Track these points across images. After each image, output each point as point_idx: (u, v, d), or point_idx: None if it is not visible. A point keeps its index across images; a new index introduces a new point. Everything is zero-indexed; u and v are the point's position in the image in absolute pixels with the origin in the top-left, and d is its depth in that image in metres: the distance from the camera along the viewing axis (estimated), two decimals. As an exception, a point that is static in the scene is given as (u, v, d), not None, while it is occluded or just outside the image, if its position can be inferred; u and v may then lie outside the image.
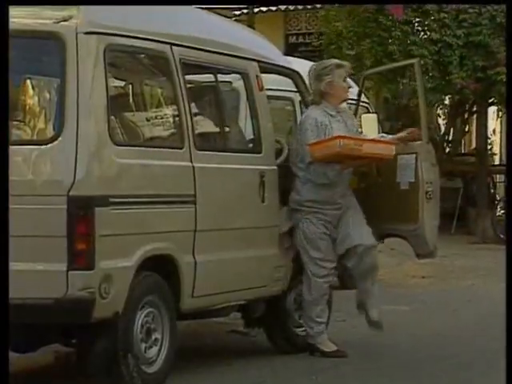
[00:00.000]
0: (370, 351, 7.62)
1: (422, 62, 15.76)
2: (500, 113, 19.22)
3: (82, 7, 5.81)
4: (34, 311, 5.54)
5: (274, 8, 20.12)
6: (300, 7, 20.35)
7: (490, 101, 17.18)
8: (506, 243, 9.10)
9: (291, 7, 20.47)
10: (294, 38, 20.54)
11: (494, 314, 9.70)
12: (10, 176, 5.58)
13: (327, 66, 7.35)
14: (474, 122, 19.81)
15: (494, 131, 23.06)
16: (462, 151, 20.87)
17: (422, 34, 16.27)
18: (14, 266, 5.49)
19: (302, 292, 7.38)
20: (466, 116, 19.97)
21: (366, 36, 15.97)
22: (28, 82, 5.94)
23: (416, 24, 16.32)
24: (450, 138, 20.12)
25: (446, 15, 15.83)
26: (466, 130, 21.06)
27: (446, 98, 18.09)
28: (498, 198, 18.80)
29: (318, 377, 6.71)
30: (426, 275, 12.12)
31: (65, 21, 5.74)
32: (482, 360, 7.43)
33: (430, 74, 16.05)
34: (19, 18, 5.82)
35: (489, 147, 20.21)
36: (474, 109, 18.59)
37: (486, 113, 18.24)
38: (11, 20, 5.81)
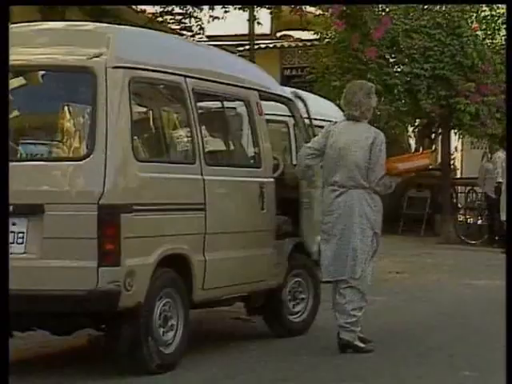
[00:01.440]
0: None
1: (396, 91, 15.85)
2: (460, 135, 19.25)
3: (111, 46, 5.83)
4: (70, 301, 5.53)
5: (271, 45, 20.15)
6: (293, 45, 20.37)
7: (452, 125, 17.20)
8: (507, 243, 9.01)
9: (286, 45, 20.48)
10: (289, 71, 20.54)
11: (457, 303, 9.73)
12: (49, 187, 5.64)
13: (372, 87, 6.94)
14: (440, 141, 19.82)
15: (456, 149, 23.07)
16: (430, 166, 20.86)
17: (396, 67, 16.28)
18: (53, 262, 5.55)
19: (295, 285, 7.41)
20: (432, 137, 20.03)
21: (348, 70, 15.98)
22: (65, 108, 5.95)
23: (390, 59, 16.33)
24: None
25: (415, 51, 15.86)
26: (433, 148, 21.08)
27: (417, 121, 18.11)
28: (460, 206, 18.81)
29: (308, 357, 6.72)
30: (400, 271, 12.11)
31: (96, 57, 5.76)
32: (448, 341, 7.42)
33: (403, 101, 16.07)
34: (58, 54, 5.87)
35: (452, 163, 20.22)
36: (440, 131, 18.62)
37: (449, 134, 18.26)
38: (52, 56, 5.89)
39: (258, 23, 17.27)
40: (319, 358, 6.70)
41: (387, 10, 15.77)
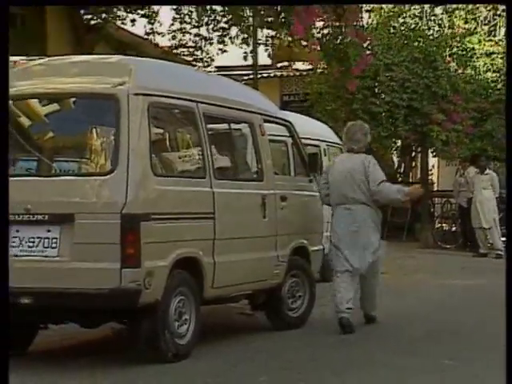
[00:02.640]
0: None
1: (378, 117, 15.85)
2: (435, 153, 19.33)
3: (132, 76, 5.84)
4: (97, 298, 5.54)
5: (272, 75, 20.16)
6: (291, 74, 20.37)
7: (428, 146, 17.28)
8: (506, 244, 8.96)
9: (285, 74, 20.48)
10: (287, 97, 20.53)
11: (437, 300, 9.71)
12: (79, 199, 5.62)
13: (368, 128, 7.74)
14: (419, 159, 19.84)
15: (433, 166, 23.09)
16: (410, 180, 20.85)
17: (378, 96, 16.25)
18: (82, 264, 5.55)
19: (293, 284, 7.41)
20: (412, 155, 20.03)
21: (338, 97, 15.95)
22: (93, 130, 5.97)
23: (374, 89, 16.31)
24: (402, 170, 20.17)
25: (395, 83, 15.86)
26: (413, 165, 21.09)
27: (398, 142, 18.12)
28: (436, 215, 18.81)
29: (304, 348, 6.69)
30: (384, 272, 12.02)
31: (120, 85, 5.76)
32: (431, 333, 7.39)
33: (385, 126, 16.06)
34: (87, 83, 5.89)
35: (429, 177, 20.24)
36: (419, 150, 18.62)
37: (427, 153, 18.29)
38: (82, 85, 5.91)
39: (269, 56, 17.20)
40: (315, 348, 6.68)
41: (371, 44, 15.76)
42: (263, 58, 18.27)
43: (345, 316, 7.17)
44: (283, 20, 12.79)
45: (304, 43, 13.40)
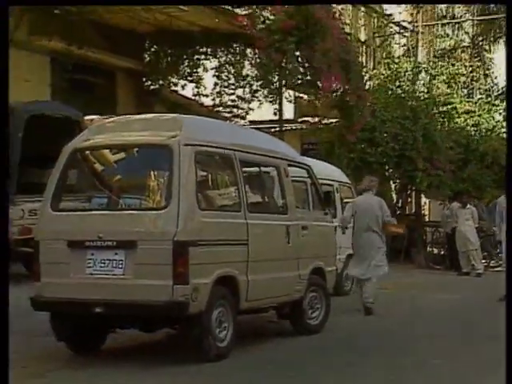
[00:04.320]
0: (350, 333, 7.55)
1: (373, 165, 15.73)
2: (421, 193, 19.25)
3: (183, 130, 5.87)
4: (154, 308, 5.54)
5: (294, 127, 20.15)
6: (310, 127, 20.35)
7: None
8: (507, 246, 8.91)
9: (304, 126, 20.46)
10: (307, 145, 20.52)
11: (426, 310, 9.57)
12: (140, 229, 5.62)
13: (376, 179, 9.36)
14: (413, 196, 19.70)
15: (425, 202, 22.92)
16: (407, 213, 20.69)
17: (375, 147, 16.17)
18: (142, 281, 5.55)
19: (312, 298, 7.35)
20: (408, 192, 19.92)
21: (342, 144, 15.90)
22: (151, 173, 6.02)
23: (371, 141, 16.21)
24: (400, 205, 20.03)
25: (388, 137, 15.81)
26: (409, 200, 20.93)
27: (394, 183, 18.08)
28: (428, 241, 18.62)
29: (320, 347, 6.63)
30: (386, 288, 11.93)
31: (173, 137, 5.80)
32: (424, 337, 7.27)
33: (379, 172, 15.98)
34: (147, 136, 5.94)
35: (422, 211, 20.08)
36: (413, 189, 18.52)
37: (419, 191, 18.18)
38: (143, 138, 5.94)
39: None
40: (329, 348, 6.64)
41: (371, 104, 15.73)
42: (288, 113, 18.34)
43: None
44: (311, 79, 12.84)
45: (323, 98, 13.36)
